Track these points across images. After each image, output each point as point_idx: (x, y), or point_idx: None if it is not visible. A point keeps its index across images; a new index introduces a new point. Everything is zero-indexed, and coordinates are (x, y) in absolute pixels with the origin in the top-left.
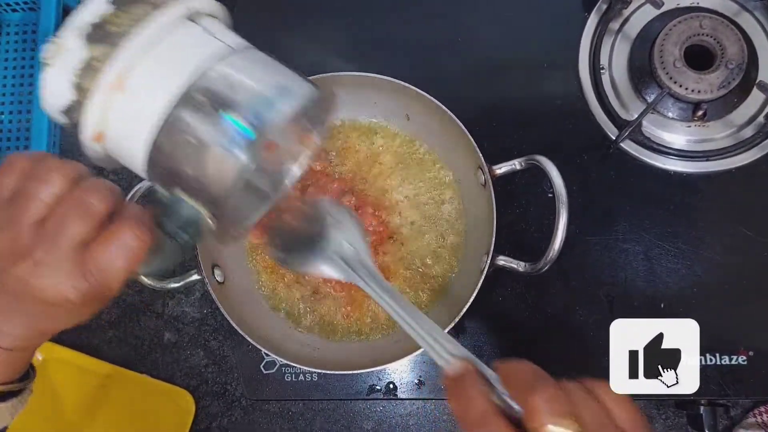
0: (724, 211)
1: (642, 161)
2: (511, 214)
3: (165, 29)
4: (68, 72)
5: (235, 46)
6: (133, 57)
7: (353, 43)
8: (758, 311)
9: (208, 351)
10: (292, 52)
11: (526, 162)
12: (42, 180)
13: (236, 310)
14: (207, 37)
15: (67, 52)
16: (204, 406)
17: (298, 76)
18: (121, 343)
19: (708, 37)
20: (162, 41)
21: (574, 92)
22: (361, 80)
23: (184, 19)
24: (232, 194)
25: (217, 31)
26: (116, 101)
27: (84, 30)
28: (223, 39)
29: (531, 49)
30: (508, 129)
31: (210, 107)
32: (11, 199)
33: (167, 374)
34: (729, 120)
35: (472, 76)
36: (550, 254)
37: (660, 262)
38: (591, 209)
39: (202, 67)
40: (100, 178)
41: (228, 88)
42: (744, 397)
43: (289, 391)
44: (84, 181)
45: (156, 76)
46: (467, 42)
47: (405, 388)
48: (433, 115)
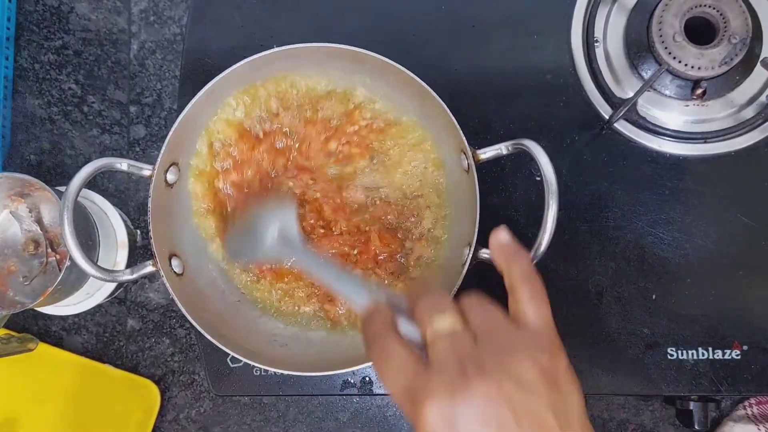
0: (722, 197)
1: (636, 143)
2: (496, 197)
3: None
4: None
5: None
6: None
7: (319, 12)
8: (754, 303)
9: (174, 339)
10: (258, 21)
11: (513, 146)
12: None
13: (197, 304)
14: None
15: None
16: (171, 397)
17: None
18: (81, 330)
19: (710, 8)
20: None
21: (566, 67)
22: (331, 52)
23: None
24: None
25: None
26: None
27: None
28: None
29: (519, 17)
30: (494, 105)
31: None
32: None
33: (131, 364)
34: (729, 99)
35: (456, 48)
36: (539, 249)
37: (653, 250)
38: (581, 194)
39: None
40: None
41: None
42: (737, 393)
43: (257, 386)
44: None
45: None
46: (451, 11)
47: (381, 383)
48: (412, 91)
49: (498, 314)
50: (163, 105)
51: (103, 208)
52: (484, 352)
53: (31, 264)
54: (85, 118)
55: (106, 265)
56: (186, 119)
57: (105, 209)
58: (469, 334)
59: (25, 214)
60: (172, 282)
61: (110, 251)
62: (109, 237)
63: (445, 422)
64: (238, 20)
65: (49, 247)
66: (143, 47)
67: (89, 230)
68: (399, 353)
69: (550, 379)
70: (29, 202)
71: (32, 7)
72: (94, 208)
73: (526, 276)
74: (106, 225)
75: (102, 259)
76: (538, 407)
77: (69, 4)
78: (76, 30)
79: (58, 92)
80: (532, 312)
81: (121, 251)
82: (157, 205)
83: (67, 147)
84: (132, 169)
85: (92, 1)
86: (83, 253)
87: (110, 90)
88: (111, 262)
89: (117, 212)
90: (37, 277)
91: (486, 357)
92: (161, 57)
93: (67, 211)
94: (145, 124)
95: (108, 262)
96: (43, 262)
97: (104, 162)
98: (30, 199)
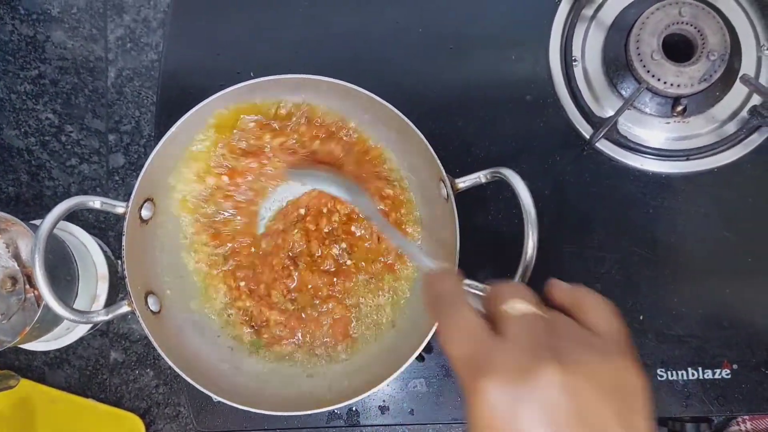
0: (706, 215)
1: (618, 162)
2: (477, 220)
3: None
4: None
5: None
6: None
7: (295, 38)
8: (743, 321)
9: (158, 371)
10: (234, 47)
11: (491, 175)
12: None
13: (174, 342)
14: None
15: None
16: (156, 430)
17: None
18: (63, 364)
19: (688, 25)
20: None
21: (545, 86)
22: (305, 83)
23: None
24: None
25: None
26: None
27: None
28: None
29: (497, 38)
30: (473, 127)
31: None
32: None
33: (115, 397)
34: (710, 115)
35: (434, 70)
36: (524, 277)
37: (638, 270)
38: (564, 215)
39: None
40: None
41: None
42: (729, 413)
43: (242, 421)
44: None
45: None
46: (428, 34)
47: (368, 414)
48: (388, 120)
49: (574, 321)
50: (141, 132)
51: (83, 241)
52: (562, 341)
53: (9, 301)
54: (63, 148)
55: (86, 298)
56: (159, 154)
57: (85, 242)
58: (546, 322)
59: (2, 251)
60: (148, 321)
61: (90, 284)
62: (89, 270)
63: (506, 401)
64: (214, 47)
65: (27, 283)
66: (121, 74)
67: (68, 266)
68: (469, 317)
69: (624, 391)
70: (6, 237)
71: (7, 37)
72: (74, 241)
73: (592, 293)
74: (85, 258)
75: (82, 293)
76: (606, 413)
77: (45, 33)
78: (52, 59)
79: (35, 122)
80: (606, 322)
81: (101, 284)
82: (132, 242)
83: (46, 178)
84: (105, 206)
85: (68, 29)
86: (56, 296)
87: (88, 118)
88: (91, 296)
89: (97, 244)
90: (16, 314)
91: (563, 346)
92: (139, 84)
93: (39, 253)
94: (124, 153)
95: (88, 296)
96: (21, 299)
97: (76, 201)
98: (7, 234)
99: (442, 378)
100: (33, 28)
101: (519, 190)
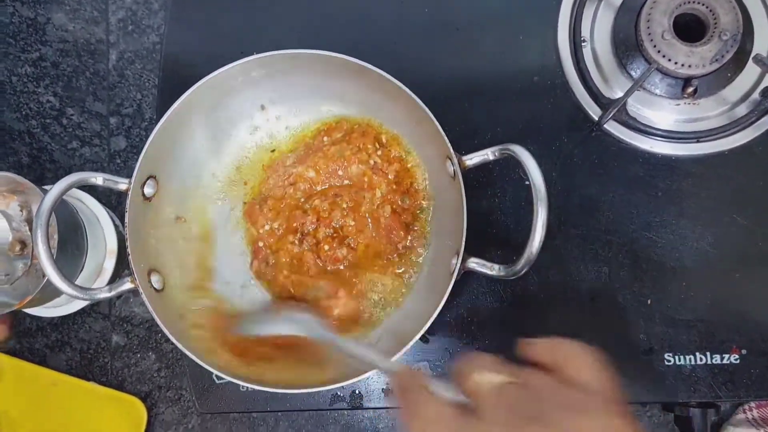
0: (716, 198)
1: (627, 143)
2: (483, 202)
3: None
4: None
5: None
6: None
7: (300, 19)
8: (752, 306)
9: (160, 354)
10: (237, 28)
11: (500, 152)
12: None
13: (178, 320)
14: None
15: None
16: (157, 413)
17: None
18: (65, 347)
19: (700, 4)
20: None
21: (553, 68)
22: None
23: None
24: None
25: None
26: None
27: None
28: None
29: (505, 18)
30: (481, 108)
31: None
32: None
33: (117, 381)
34: (721, 96)
35: (441, 51)
36: (527, 256)
37: (646, 254)
38: (572, 197)
39: None
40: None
41: None
42: (736, 399)
43: (244, 403)
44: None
45: None
46: (435, 14)
47: (371, 396)
48: (395, 97)
49: (554, 379)
50: (143, 115)
51: (96, 212)
52: (543, 405)
53: (15, 264)
54: (64, 131)
55: (92, 271)
56: (162, 131)
57: (98, 214)
58: (521, 389)
59: (16, 213)
60: (152, 298)
61: (98, 258)
62: (99, 242)
63: None
64: (216, 28)
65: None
66: (122, 57)
67: (77, 239)
68: (438, 409)
69: None
70: (21, 199)
71: (8, 19)
72: (87, 212)
73: (570, 343)
74: (96, 231)
75: (88, 265)
76: None
77: (45, 15)
78: (53, 41)
79: (36, 105)
80: (588, 372)
81: (109, 259)
82: (135, 219)
83: (47, 161)
84: (108, 183)
85: (69, 11)
86: (59, 271)
87: (89, 101)
88: (98, 270)
89: (110, 218)
90: (20, 279)
91: (544, 411)
92: (140, 66)
93: (41, 229)
94: (126, 136)
95: (95, 270)
96: (27, 264)
97: (78, 177)
98: (22, 196)
99: (447, 360)
100: (34, 10)
101: (528, 167)
